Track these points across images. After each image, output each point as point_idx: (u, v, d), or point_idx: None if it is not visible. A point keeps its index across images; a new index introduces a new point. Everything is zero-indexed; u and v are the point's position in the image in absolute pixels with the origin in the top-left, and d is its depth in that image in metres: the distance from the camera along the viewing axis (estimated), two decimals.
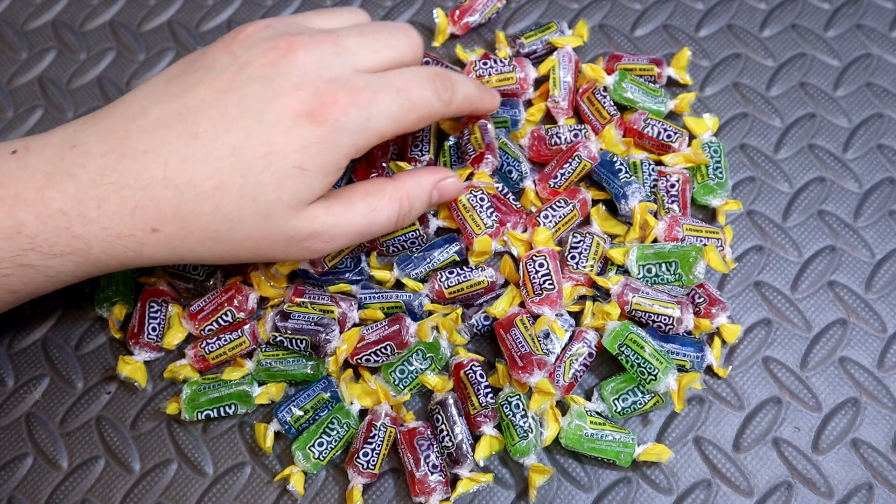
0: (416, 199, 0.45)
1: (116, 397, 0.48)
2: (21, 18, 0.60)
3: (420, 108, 0.43)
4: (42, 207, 0.39)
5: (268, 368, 0.47)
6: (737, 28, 0.57)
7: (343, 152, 0.40)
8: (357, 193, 0.43)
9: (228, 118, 0.39)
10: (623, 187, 0.49)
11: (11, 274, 0.40)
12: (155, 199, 0.39)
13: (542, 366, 0.44)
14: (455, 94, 0.44)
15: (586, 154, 0.49)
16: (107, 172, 0.39)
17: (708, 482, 0.45)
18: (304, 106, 0.39)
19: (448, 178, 0.46)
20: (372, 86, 0.41)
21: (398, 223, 0.45)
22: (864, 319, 0.49)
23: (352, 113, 0.40)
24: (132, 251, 0.40)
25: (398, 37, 0.44)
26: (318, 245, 0.42)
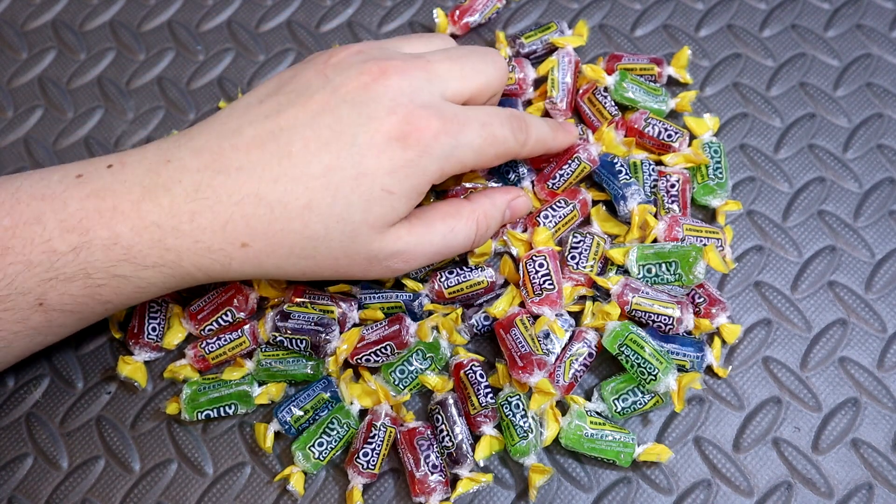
0: (491, 218, 0.46)
1: (116, 397, 0.48)
2: (21, 18, 0.60)
3: (499, 145, 0.44)
4: (138, 220, 0.40)
5: (268, 368, 0.47)
6: (737, 28, 0.57)
7: (429, 177, 0.41)
8: (437, 214, 0.44)
9: (321, 140, 0.40)
10: (622, 189, 0.49)
11: (105, 284, 0.41)
12: (246, 216, 0.40)
13: (542, 366, 0.44)
14: (529, 136, 0.46)
15: (586, 156, 0.49)
16: (201, 188, 0.40)
17: (708, 482, 0.45)
18: (397, 130, 0.40)
19: (519, 198, 0.48)
20: (460, 116, 0.42)
21: (475, 243, 0.46)
22: (864, 319, 0.49)
23: (442, 139, 0.41)
24: (220, 265, 0.41)
25: (485, 62, 0.45)
26: (398, 264, 0.43)
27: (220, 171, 0.40)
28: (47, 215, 0.40)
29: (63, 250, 0.40)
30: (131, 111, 0.57)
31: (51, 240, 0.40)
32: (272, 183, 0.40)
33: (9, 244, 0.40)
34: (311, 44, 0.58)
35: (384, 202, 0.40)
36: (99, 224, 0.40)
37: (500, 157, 0.45)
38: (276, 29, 0.59)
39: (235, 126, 0.42)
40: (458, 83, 0.44)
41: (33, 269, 0.40)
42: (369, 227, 0.41)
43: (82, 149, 0.55)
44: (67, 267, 0.40)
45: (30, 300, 0.40)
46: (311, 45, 0.58)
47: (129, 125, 0.56)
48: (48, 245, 0.40)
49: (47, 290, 0.40)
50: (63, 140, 0.56)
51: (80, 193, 0.41)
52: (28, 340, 0.42)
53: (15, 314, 0.41)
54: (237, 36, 0.59)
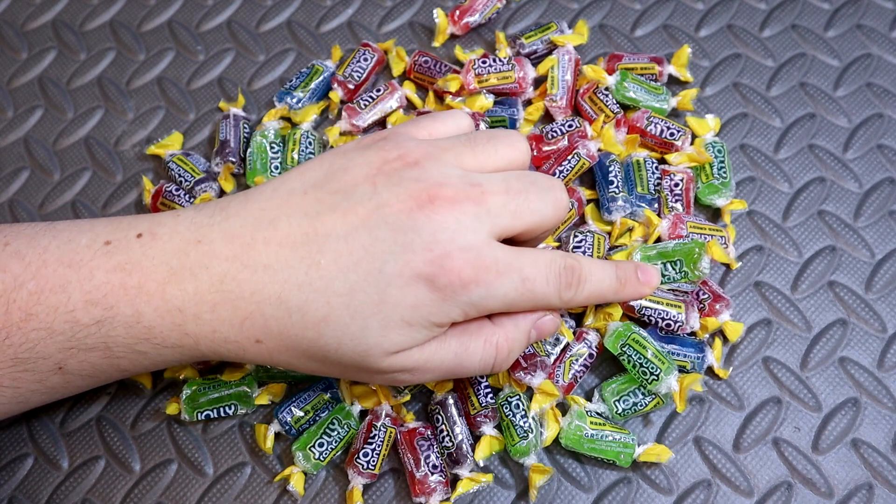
0: (514, 341, 0.42)
1: (117, 397, 0.48)
2: (21, 18, 0.60)
3: (538, 301, 0.41)
4: (162, 302, 0.40)
5: (268, 369, 0.47)
6: (737, 28, 0.57)
7: (450, 318, 0.40)
8: (453, 332, 0.41)
9: (353, 258, 0.39)
10: (609, 201, 0.49)
11: (124, 357, 0.41)
12: (265, 316, 0.39)
13: (543, 367, 0.44)
14: (578, 293, 0.42)
15: (585, 152, 0.49)
16: (226, 279, 0.40)
17: (708, 482, 0.45)
18: (428, 269, 0.38)
19: (545, 316, 0.43)
20: (500, 266, 0.39)
21: (495, 368, 0.43)
22: (864, 319, 0.49)
23: (471, 289, 0.39)
24: (234, 354, 0.41)
25: (545, 200, 0.41)
26: (405, 377, 0.42)
27: (247, 265, 0.39)
28: (73, 285, 0.40)
29: (86, 322, 0.40)
30: (131, 111, 0.57)
31: (74, 311, 0.40)
32: (296, 289, 0.39)
33: (33, 311, 0.40)
34: (311, 44, 0.58)
35: (401, 332, 0.39)
36: (123, 301, 0.40)
37: (535, 309, 0.42)
38: (276, 29, 0.59)
39: (273, 217, 0.40)
40: (510, 221, 0.40)
41: (55, 337, 0.40)
42: (382, 350, 0.40)
43: (82, 149, 0.55)
44: (89, 338, 0.40)
45: (50, 364, 0.41)
46: (311, 45, 0.58)
47: (129, 125, 0.56)
48: (71, 315, 0.40)
49: (67, 358, 0.41)
50: (63, 140, 0.56)
51: (107, 264, 0.40)
52: (45, 397, 0.43)
53: (34, 375, 0.41)
54: (237, 36, 0.59)
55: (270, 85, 0.57)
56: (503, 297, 0.40)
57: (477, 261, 0.39)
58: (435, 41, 0.57)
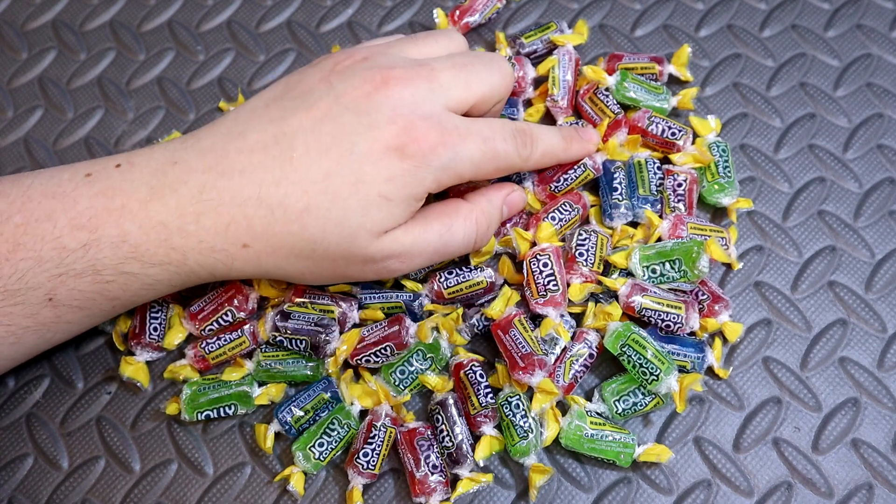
0: (490, 216, 0.46)
1: (117, 397, 0.48)
2: (21, 18, 0.60)
3: (500, 159, 0.44)
4: (145, 219, 0.41)
5: (268, 369, 0.47)
6: (737, 28, 0.57)
7: (425, 187, 0.42)
8: (433, 214, 0.44)
9: (322, 146, 0.41)
10: (611, 208, 0.49)
11: (113, 280, 0.42)
12: (248, 217, 0.41)
13: (542, 366, 0.44)
14: (534, 150, 0.46)
15: (591, 164, 0.49)
16: (205, 189, 0.41)
17: (708, 482, 0.45)
18: (395, 140, 0.41)
19: (514, 192, 0.48)
20: (460, 129, 0.43)
21: (477, 243, 0.46)
22: (864, 319, 0.49)
23: (439, 151, 0.42)
24: (223, 264, 0.42)
25: (490, 70, 0.45)
26: (395, 265, 0.43)
27: (224, 173, 0.41)
28: (58, 213, 0.41)
29: (73, 247, 0.41)
30: (131, 111, 0.57)
31: (61, 237, 0.41)
32: (273, 186, 0.41)
33: (20, 241, 0.41)
34: (311, 44, 0.58)
35: (381, 208, 0.41)
36: (108, 222, 0.41)
37: (500, 171, 0.45)
38: (276, 29, 0.59)
39: (241, 130, 0.43)
40: (462, 92, 0.44)
41: (44, 265, 0.41)
42: (366, 231, 0.41)
43: (82, 149, 0.55)
44: (77, 263, 0.41)
45: (40, 295, 0.41)
46: (311, 45, 0.58)
47: (129, 125, 0.56)
48: (58, 242, 0.41)
49: (57, 286, 0.41)
50: (63, 140, 0.56)
51: (89, 192, 0.42)
52: (37, 337, 0.43)
53: (25, 308, 0.41)
54: (237, 36, 0.59)
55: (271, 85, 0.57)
56: (469, 159, 0.43)
57: (440, 126, 0.42)
58: None
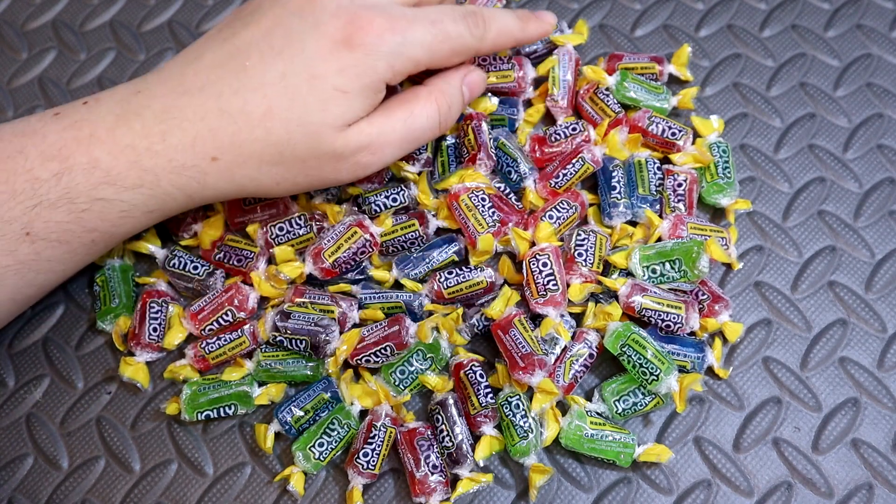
0: (450, 96, 0.47)
1: (117, 397, 0.48)
2: (21, 18, 0.60)
3: (453, 40, 0.45)
4: (113, 144, 0.42)
5: (268, 369, 0.47)
6: (737, 28, 0.57)
7: (379, 75, 0.43)
8: (393, 102, 0.45)
9: (274, 51, 0.43)
10: (610, 207, 0.49)
11: (88, 209, 0.43)
12: (212, 130, 0.42)
13: (542, 365, 0.44)
14: (487, 30, 0.47)
15: (590, 157, 0.49)
16: (168, 109, 0.43)
17: (708, 482, 0.45)
18: (342, 33, 0.42)
19: (471, 73, 0.48)
20: (408, 15, 0.44)
21: (441, 125, 0.47)
22: (864, 319, 0.49)
23: (387, 37, 0.43)
24: (196, 182, 0.43)
25: None
26: (367, 158, 0.44)
27: (185, 92, 0.43)
28: (28, 148, 0.42)
29: (45, 177, 0.42)
30: None
31: (33, 169, 0.42)
32: (232, 95, 0.42)
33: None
34: None
35: (340, 101, 0.42)
36: (77, 151, 0.42)
37: (456, 54, 0.46)
38: None
39: (197, 53, 0.45)
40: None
41: (17, 198, 0.42)
42: (329, 127, 0.42)
43: None
44: (51, 193, 0.42)
45: (16, 229, 0.42)
46: None
47: None
48: (31, 174, 0.42)
49: (33, 219, 0.42)
50: None
51: (57, 126, 0.43)
52: (19, 278, 0.44)
53: (3, 245, 0.42)
54: None
55: None
56: (420, 42, 0.44)
57: (384, 13, 0.43)
58: None
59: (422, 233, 0.49)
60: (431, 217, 0.50)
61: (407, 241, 0.49)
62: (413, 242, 0.49)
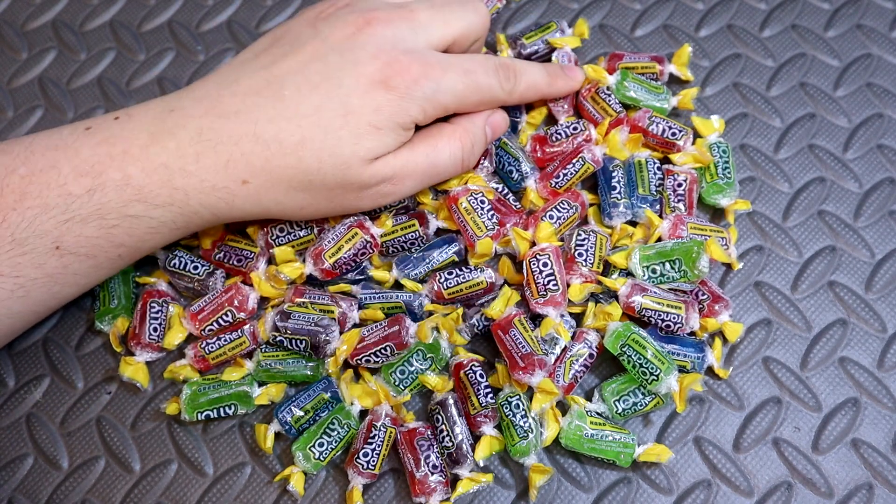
0: (473, 135, 0.48)
1: (117, 397, 0.48)
2: (21, 18, 0.60)
3: (483, 92, 0.47)
4: (147, 162, 0.43)
5: (268, 369, 0.47)
6: (737, 28, 0.57)
7: (411, 116, 0.44)
8: (418, 137, 0.47)
9: (311, 83, 0.44)
10: (610, 207, 0.49)
11: (118, 225, 0.43)
12: (245, 154, 0.43)
13: (542, 365, 0.44)
14: (517, 84, 0.49)
15: (590, 157, 0.49)
16: (203, 131, 0.43)
17: (708, 482, 0.45)
18: (380, 74, 0.44)
19: (495, 114, 0.49)
20: (442, 63, 0.45)
21: (465, 162, 0.48)
22: (864, 319, 0.49)
23: (423, 83, 0.44)
24: (225, 202, 0.44)
25: (466, 9, 0.48)
26: (388, 188, 0.46)
27: (221, 115, 0.43)
28: (61, 162, 0.42)
29: (78, 193, 0.42)
30: None
31: (66, 184, 0.42)
32: (267, 123, 0.43)
33: (26, 190, 0.42)
34: None
35: (372, 137, 0.43)
36: (111, 167, 0.42)
37: (484, 104, 0.48)
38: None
39: (234, 77, 0.45)
40: (441, 29, 0.47)
41: (50, 212, 0.42)
42: (359, 159, 0.43)
43: None
44: (83, 209, 0.42)
45: (47, 243, 0.42)
46: None
47: None
48: (64, 189, 0.42)
49: (63, 233, 0.42)
50: None
51: (90, 142, 0.43)
52: (45, 290, 0.44)
53: (33, 258, 0.42)
54: (237, 36, 0.59)
55: None
56: (452, 90, 0.45)
57: (421, 59, 0.45)
58: None
59: (422, 233, 0.49)
60: (431, 217, 0.50)
61: (407, 242, 0.49)
62: (413, 243, 0.49)
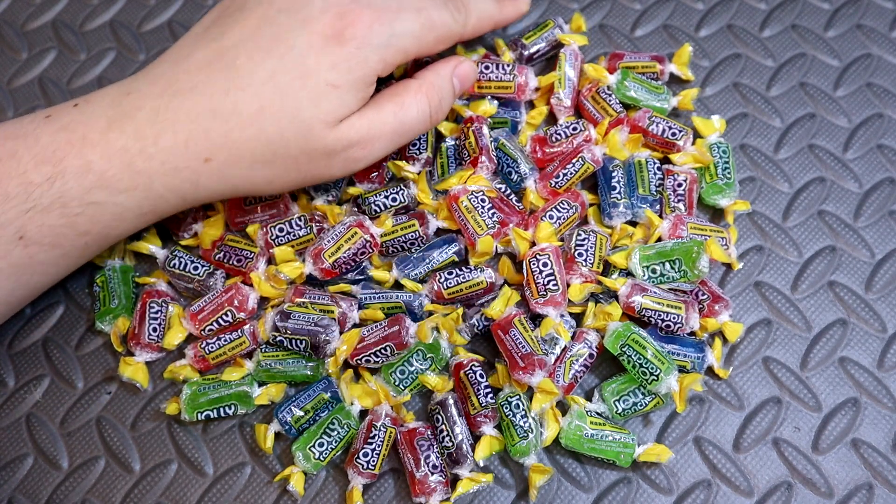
0: (441, 89, 0.47)
1: (116, 397, 0.48)
2: (21, 18, 0.60)
3: (439, 28, 0.46)
4: (106, 146, 0.42)
5: (268, 369, 0.47)
6: (737, 28, 0.57)
7: (371, 67, 0.43)
8: (384, 96, 0.45)
9: (263, 49, 0.43)
10: (610, 206, 0.49)
11: (82, 213, 0.42)
12: (205, 130, 0.42)
13: (543, 365, 0.44)
14: (469, 14, 0.48)
15: (590, 157, 0.49)
16: (160, 111, 0.42)
17: (708, 482, 0.45)
18: (331, 28, 0.43)
19: (462, 64, 0.48)
20: (392, 6, 0.44)
21: (433, 117, 0.47)
22: (864, 319, 0.49)
23: (376, 29, 0.43)
24: (190, 183, 0.43)
25: None
26: (358, 152, 0.44)
27: (176, 94, 0.43)
28: (21, 151, 0.42)
29: (38, 181, 0.41)
30: None
31: (26, 172, 0.42)
32: (223, 95, 0.42)
33: None
34: None
35: (332, 96, 0.42)
36: (70, 154, 0.42)
37: (442, 41, 0.46)
38: None
39: (186, 53, 0.44)
40: None
41: (11, 202, 0.41)
42: (321, 122, 0.42)
43: None
44: (44, 197, 0.42)
45: (9, 233, 0.42)
46: None
47: None
48: (24, 177, 0.42)
49: (26, 223, 0.42)
50: None
51: (50, 129, 0.43)
52: (13, 281, 0.44)
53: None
54: None
55: None
56: (409, 32, 0.44)
57: (371, 6, 0.43)
58: None
59: (422, 233, 0.49)
60: (431, 217, 0.50)
61: (407, 242, 0.49)
62: (413, 243, 0.49)
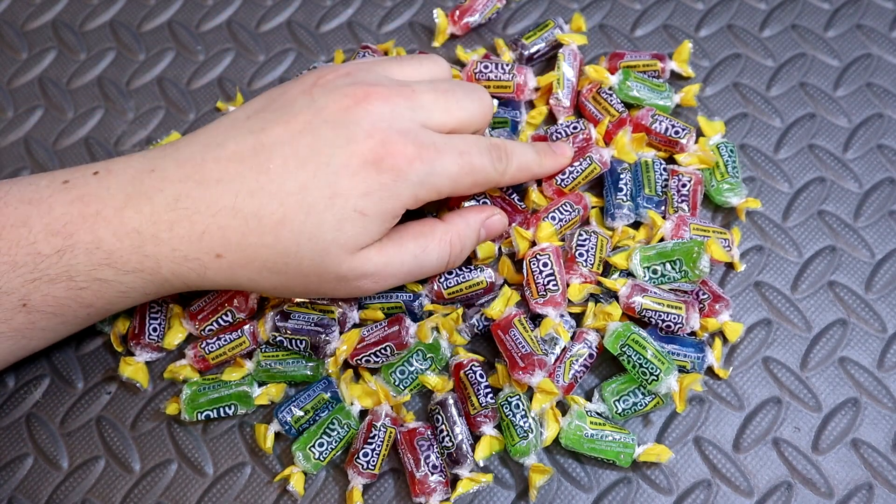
0: (465, 238, 0.46)
1: (116, 397, 0.48)
2: (21, 18, 0.60)
3: (477, 174, 0.44)
4: (119, 226, 0.41)
5: (268, 369, 0.47)
6: (737, 28, 0.57)
7: (402, 202, 0.42)
8: (408, 234, 0.44)
9: (299, 158, 0.41)
10: (615, 208, 0.49)
11: (87, 287, 0.42)
12: (222, 227, 0.41)
13: (542, 366, 0.44)
14: (509, 165, 0.46)
15: (598, 158, 0.49)
16: (181, 198, 0.41)
17: (708, 482, 0.45)
18: (372, 153, 0.41)
19: (494, 216, 0.47)
20: (437, 144, 0.42)
21: (449, 264, 0.46)
22: (864, 319, 0.49)
23: (416, 166, 0.41)
24: (196, 274, 0.42)
25: (471, 99, 0.45)
26: (368, 284, 0.43)
27: (201, 182, 0.41)
28: (33, 219, 0.41)
29: (47, 252, 0.41)
30: (131, 111, 0.57)
31: (36, 242, 0.41)
32: (249, 196, 0.41)
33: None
34: (311, 44, 0.58)
35: (356, 223, 0.41)
36: (83, 229, 0.41)
37: (478, 186, 0.45)
38: (276, 29, 0.59)
39: (220, 140, 0.42)
40: (441, 115, 0.44)
41: (18, 270, 0.41)
42: (340, 247, 0.41)
43: (82, 149, 0.55)
44: (51, 269, 0.41)
45: (14, 300, 0.41)
46: (311, 45, 0.58)
47: (129, 125, 0.56)
48: (33, 247, 0.41)
49: (31, 291, 0.41)
50: (63, 140, 0.56)
51: (65, 198, 0.42)
52: (12, 343, 0.43)
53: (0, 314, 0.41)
54: (237, 36, 0.59)
55: (270, 85, 0.57)
56: (446, 173, 0.42)
57: (417, 141, 0.42)
58: (435, 41, 0.57)
59: None
60: None
61: None
62: None
